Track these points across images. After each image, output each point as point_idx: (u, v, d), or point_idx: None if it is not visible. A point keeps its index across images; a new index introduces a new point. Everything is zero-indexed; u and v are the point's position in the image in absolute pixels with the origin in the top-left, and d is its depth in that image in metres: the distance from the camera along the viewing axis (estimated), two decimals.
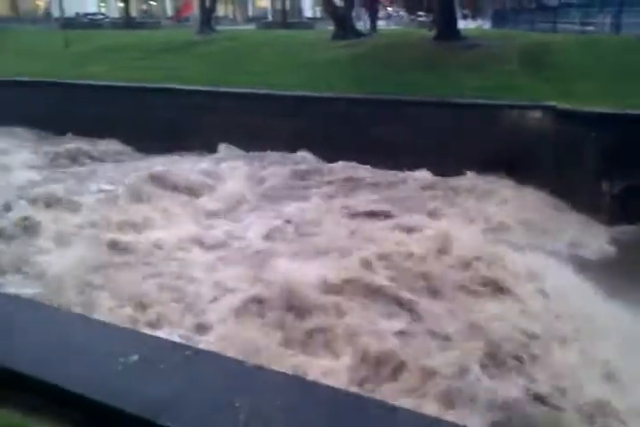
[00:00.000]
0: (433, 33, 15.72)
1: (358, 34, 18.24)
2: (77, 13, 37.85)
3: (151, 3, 51.75)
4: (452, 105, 11.01)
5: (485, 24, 22.66)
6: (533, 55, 12.67)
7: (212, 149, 12.38)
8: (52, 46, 20.35)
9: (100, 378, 2.92)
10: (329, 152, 11.37)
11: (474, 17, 16.81)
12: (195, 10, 35.28)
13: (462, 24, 17.12)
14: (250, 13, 54.48)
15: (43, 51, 20.04)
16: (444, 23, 15.33)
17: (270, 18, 49.19)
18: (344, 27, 18.27)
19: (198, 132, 12.68)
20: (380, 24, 26.11)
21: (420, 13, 18.99)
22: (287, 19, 32.38)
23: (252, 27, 34.64)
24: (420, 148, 10.63)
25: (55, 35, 23.01)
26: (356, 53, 14.73)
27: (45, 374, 2.89)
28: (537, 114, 10.17)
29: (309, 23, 34.44)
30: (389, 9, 45.00)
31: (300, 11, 49.94)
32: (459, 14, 16.82)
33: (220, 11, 38.70)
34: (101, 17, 39.24)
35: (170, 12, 49.41)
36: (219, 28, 25.47)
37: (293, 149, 11.72)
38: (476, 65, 12.53)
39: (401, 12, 45.40)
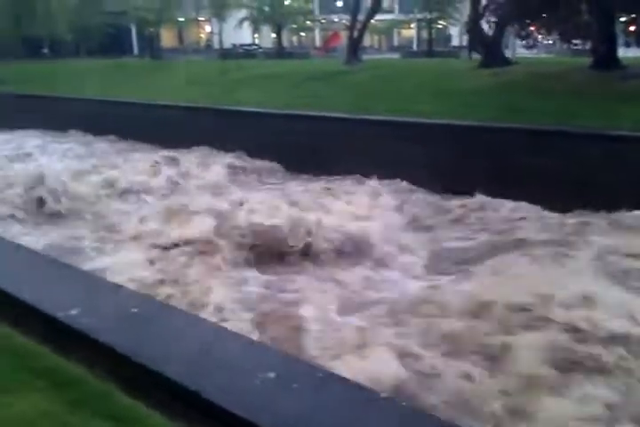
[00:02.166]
0: (589, 61, 14.92)
1: (507, 62, 17.78)
2: (234, 44, 40.78)
3: (301, 34, 54.35)
4: (609, 138, 10.24)
5: None
6: None
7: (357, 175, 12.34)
8: (211, 74, 22.04)
9: (239, 392, 3.01)
10: (464, 184, 11.05)
11: (638, 44, 15.65)
12: (342, 40, 36.59)
13: (624, 52, 16.07)
14: (395, 43, 55.27)
15: (202, 78, 21.75)
16: (603, 51, 14.48)
17: (415, 47, 49.58)
18: (492, 55, 17.91)
19: (342, 159, 12.85)
20: (529, 52, 25.26)
21: (576, 41, 18.09)
22: (433, 47, 32.44)
23: (396, 56, 35.12)
24: (573, 183, 9.98)
25: (213, 64, 24.97)
26: (504, 82, 14.33)
27: (191, 382, 3.02)
28: None
29: (455, 52, 34.16)
30: (539, 36, 43.31)
31: (445, 39, 49.78)
32: (620, 41, 15.81)
33: (366, 41, 39.67)
34: (255, 47, 41.94)
35: (318, 42, 51.56)
36: (364, 57, 26.09)
37: (433, 178, 11.53)
38: (637, 95, 11.66)
39: (551, 40, 43.55)
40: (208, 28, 50.89)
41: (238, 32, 40.12)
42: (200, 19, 47.10)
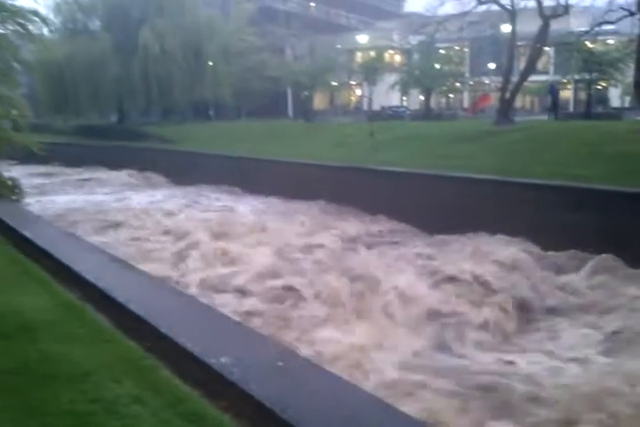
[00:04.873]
0: None
1: None
2: (382, 106, 41.90)
3: (449, 95, 54.70)
4: None
5: None
6: None
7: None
8: (359, 135, 22.73)
9: None
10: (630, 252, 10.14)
11: None
12: (491, 101, 36.20)
13: None
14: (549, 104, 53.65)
15: (351, 139, 22.52)
16: None
17: (572, 108, 47.69)
18: None
19: (483, 221, 12.52)
20: None
21: None
22: (591, 109, 30.96)
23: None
24: None
25: (362, 125, 25.76)
26: None
27: None
28: None
29: (615, 113, 32.27)
30: None
31: (605, 100, 47.41)
32: None
33: (518, 102, 38.95)
34: (403, 109, 42.73)
35: (466, 103, 51.50)
36: (516, 118, 25.49)
37: (593, 248, 10.70)
38: None
39: None
40: (359, 92, 53.03)
41: (387, 94, 41.26)
42: (352, 83, 49.31)
